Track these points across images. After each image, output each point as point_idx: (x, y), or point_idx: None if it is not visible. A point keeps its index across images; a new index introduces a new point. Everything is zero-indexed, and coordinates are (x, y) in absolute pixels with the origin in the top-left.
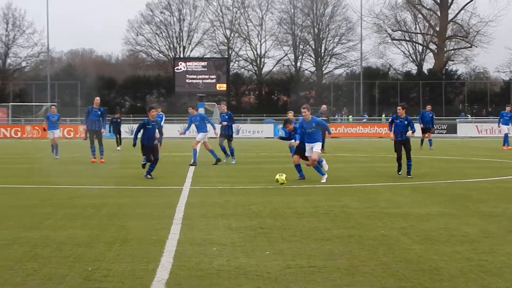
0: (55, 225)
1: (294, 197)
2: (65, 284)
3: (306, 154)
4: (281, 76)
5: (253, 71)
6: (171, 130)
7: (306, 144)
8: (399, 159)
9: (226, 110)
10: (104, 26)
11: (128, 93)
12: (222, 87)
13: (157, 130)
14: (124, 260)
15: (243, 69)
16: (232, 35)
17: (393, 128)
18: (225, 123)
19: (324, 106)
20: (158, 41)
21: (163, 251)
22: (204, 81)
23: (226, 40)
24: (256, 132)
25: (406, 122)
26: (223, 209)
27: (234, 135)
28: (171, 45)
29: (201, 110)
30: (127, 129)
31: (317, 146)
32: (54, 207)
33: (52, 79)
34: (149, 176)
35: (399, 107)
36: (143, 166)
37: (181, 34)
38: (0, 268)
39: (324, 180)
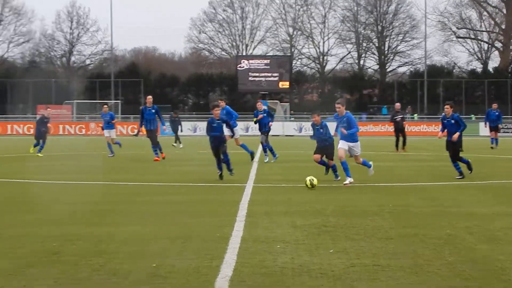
0: (119, 221)
1: (358, 195)
2: (130, 280)
3: (340, 146)
4: (344, 74)
5: (316, 68)
6: None
7: (340, 140)
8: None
9: (262, 108)
10: (167, 24)
11: (191, 90)
12: (285, 85)
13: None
14: (188, 257)
15: (305, 67)
16: (294, 32)
17: (443, 128)
18: (261, 115)
19: (398, 104)
20: (221, 39)
21: (227, 248)
22: (266, 78)
23: (288, 38)
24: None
25: (453, 121)
26: (287, 206)
27: (294, 133)
28: (234, 43)
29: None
30: (190, 127)
31: (357, 148)
32: (119, 204)
33: (115, 77)
34: (231, 173)
35: (446, 106)
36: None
37: (243, 32)
38: (65, 263)
39: (346, 182)
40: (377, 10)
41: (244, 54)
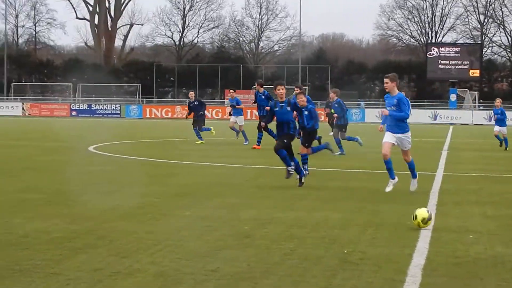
0: (309, 207)
1: None
2: (322, 265)
3: (384, 139)
4: None
5: (507, 57)
6: (421, 115)
7: (386, 131)
8: None
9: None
10: (355, 11)
11: (378, 78)
12: (475, 73)
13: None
14: (380, 244)
15: (496, 55)
16: (486, 20)
17: None
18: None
19: None
20: (410, 26)
21: (419, 237)
22: (456, 67)
23: (479, 26)
24: (511, 120)
25: None
26: (478, 196)
27: (483, 122)
28: (423, 30)
29: (453, 97)
30: (377, 114)
31: (406, 140)
32: (308, 189)
33: (303, 63)
34: None
35: None
36: None
37: (433, 19)
38: (257, 247)
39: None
40: None
41: (433, 41)
